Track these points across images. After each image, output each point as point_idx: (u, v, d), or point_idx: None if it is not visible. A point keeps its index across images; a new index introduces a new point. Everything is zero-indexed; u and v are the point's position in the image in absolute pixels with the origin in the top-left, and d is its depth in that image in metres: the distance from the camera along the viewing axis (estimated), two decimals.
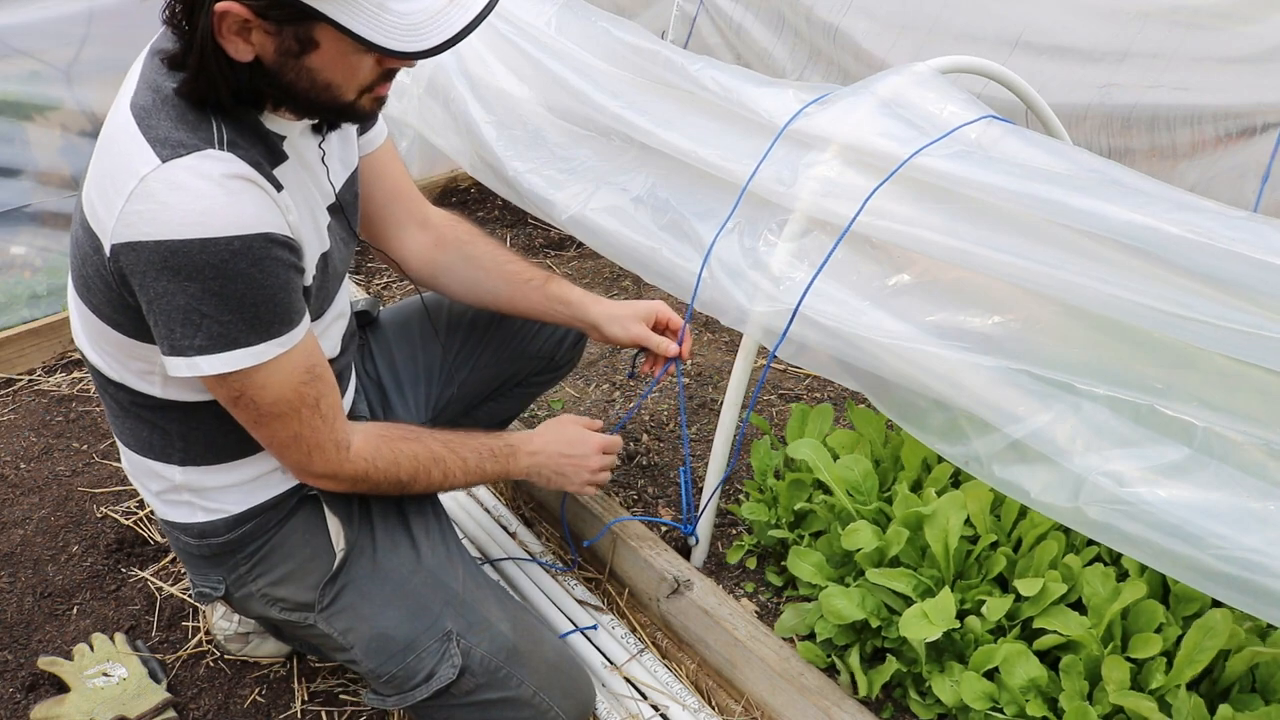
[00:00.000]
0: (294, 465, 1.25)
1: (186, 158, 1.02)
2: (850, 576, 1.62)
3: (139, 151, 1.02)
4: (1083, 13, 2.40)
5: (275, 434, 1.19)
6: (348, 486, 1.30)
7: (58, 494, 2.02)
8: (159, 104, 1.05)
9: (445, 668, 1.29)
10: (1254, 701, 1.36)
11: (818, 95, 1.53)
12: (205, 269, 1.01)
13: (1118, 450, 1.09)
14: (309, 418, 1.19)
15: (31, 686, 1.61)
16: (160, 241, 1.00)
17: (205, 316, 1.04)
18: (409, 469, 1.33)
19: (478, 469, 1.41)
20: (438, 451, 1.36)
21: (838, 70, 2.89)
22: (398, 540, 1.37)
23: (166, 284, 1.02)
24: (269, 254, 1.05)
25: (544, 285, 1.57)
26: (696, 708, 1.56)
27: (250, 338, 1.08)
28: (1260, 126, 2.19)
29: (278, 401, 1.15)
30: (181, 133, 1.03)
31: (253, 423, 1.18)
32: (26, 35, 2.39)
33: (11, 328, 2.41)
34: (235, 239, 1.02)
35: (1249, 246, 1.02)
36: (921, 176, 1.32)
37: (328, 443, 1.23)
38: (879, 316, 1.33)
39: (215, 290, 1.03)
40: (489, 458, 1.43)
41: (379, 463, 1.29)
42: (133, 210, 1.01)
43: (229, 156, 1.04)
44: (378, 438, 1.31)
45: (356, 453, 1.27)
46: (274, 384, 1.13)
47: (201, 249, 1.00)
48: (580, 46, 1.92)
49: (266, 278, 1.06)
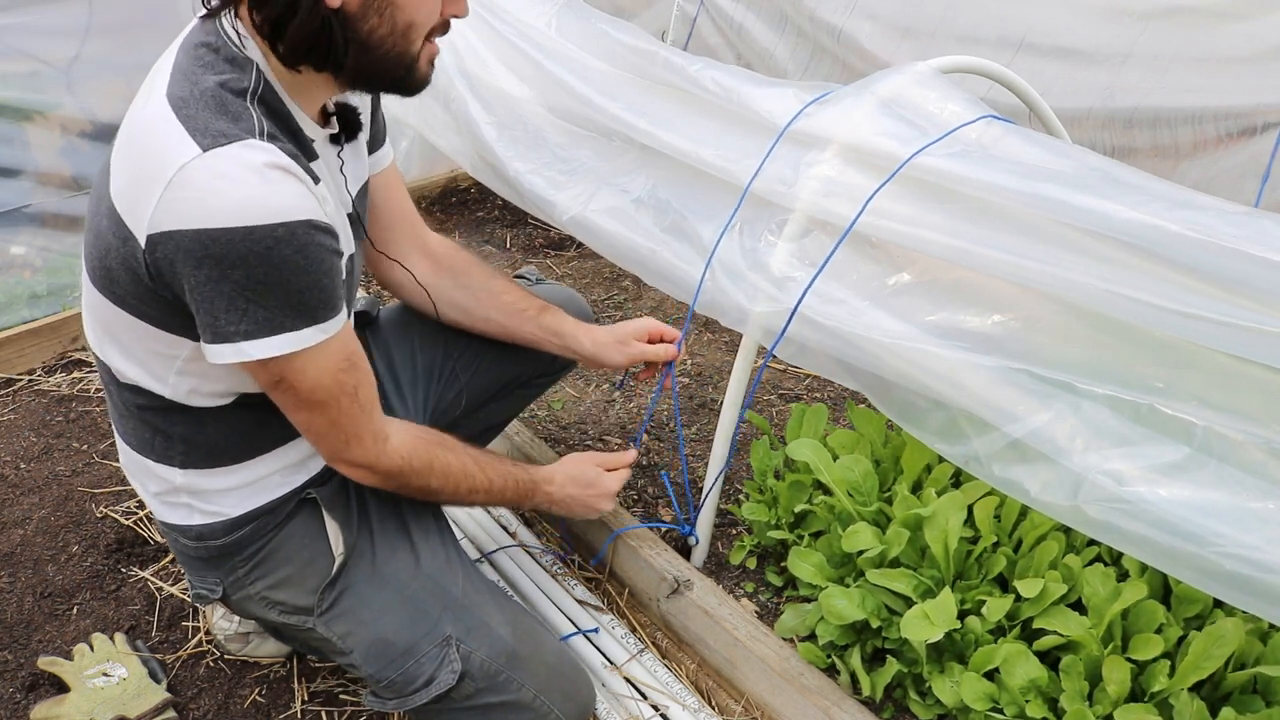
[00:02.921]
0: (330, 452, 1.25)
1: (229, 147, 1.01)
2: (850, 577, 1.62)
3: (178, 140, 1.01)
4: (1086, 15, 2.41)
5: (313, 420, 1.19)
6: (380, 480, 1.29)
7: (58, 494, 2.02)
8: (198, 95, 1.04)
9: (445, 673, 1.28)
10: (1255, 703, 1.35)
11: (818, 95, 1.53)
12: (250, 257, 1.01)
13: (1117, 449, 1.09)
14: (347, 406, 1.19)
15: (31, 686, 1.60)
16: (202, 230, 1.00)
17: (250, 303, 1.04)
18: (440, 477, 1.34)
19: (500, 493, 1.44)
20: (469, 468, 1.38)
21: (840, 71, 2.89)
22: (397, 545, 1.37)
23: (209, 272, 1.02)
24: (312, 240, 1.05)
25: (538, 316, 1.61)
26: (696, 708, 1.56)
27: (295, 322, 1.08)
28: (1260, 126, 2.20)
29: (316, 388, 1.15)
30: (223, 123, 1.03)
31: (291, 407, 1.19)
32: (26, 35, 2.39)
33: (11, 328, 2.41)
34: (279, 226, 1.02)
35: (1249, 244, 1.02)
36: (922, 176, 1.32)
37: (365, 433, 1.23)
38: (879, 316, 1.33)
39: (260, 278, 1.03)
40: (511, 486, 1.45)
41: (415, 463, 1.30)
42: (172, 198, 1.00)
43: (270, 147, 1.04)
44: (415, 438, 1.31)
45: (394, 448, 1.27)
46: (313, 370, 1.13)
47: (245, 237, 1.00)
48: (580, 48, 1.92)
49: (310, 264, 1.06)
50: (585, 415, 2.28)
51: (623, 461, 1.61)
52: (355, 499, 1.37)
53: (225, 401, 1.24)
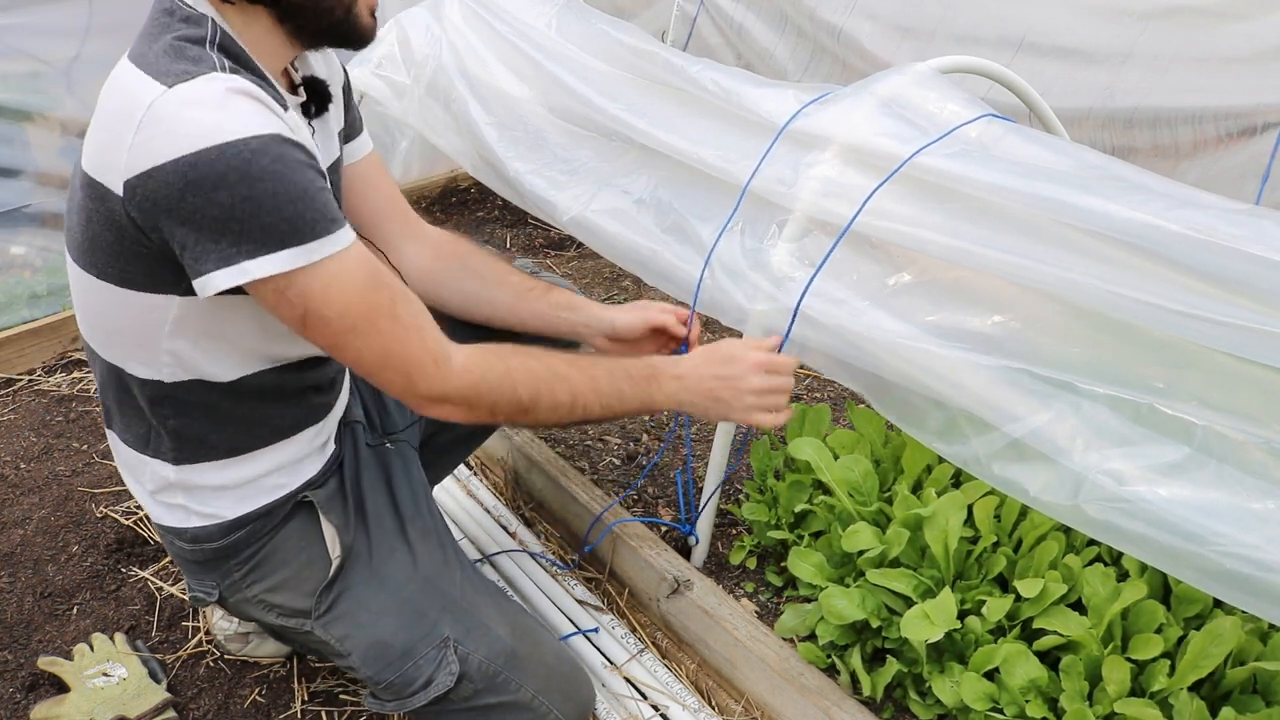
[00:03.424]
0: (400, 392, 1.17)
1: (193, 80, 1.01)
2: (850, 577, 1.62)
3: (142, 85, 1.02)
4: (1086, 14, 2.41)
5: (362, 356, 1.12)
6: (464, 411, 1.19)
7: (58, 494, 2.02)
8: (158, 49, 1.05)
9: (443, 674, 1.28)
10: (1255, 703, 1.36)
11: (817, 95, 1.53)
12: (229, 174, 0.99)
13: (1117, 449, 1.09)
14: (389, 328, 1.11)
15: (31, 686, 1.60)
16: (178, 159, 0.99)
17: (242, 222, 1.01)
18: (528, 386, 1.21)
19: (613, 392, 1.27)
20: (560, 369, 1.24)
21: (841, 71, 2.89)
22: (394, 546, 1.36)
23: (194, 200, 1.00)
24: (288, 152, 1.03)
25: (546, 294, 1.55)
26: (696, 708, 1.56)
27: (296, 237, 1.03)
28: (1260, 126, 2.20)
29: (346, 312, 1.08)
30: (184, 65, 1.03)
31: (333, 345, 1.12)
32: (26, 35, 2.39)
33: (11, 328, 2.41)
34: (251, 139, 1.00)
35: (1249, 243, 1.02)
36: (922, 175, 1.32)
37: (423, 357, 1.15)
38: (879, 316, 1.33)
39: (244, 194, 1.00)
40: (624, 378, 1.28)
41: (490, 377, 1.19)
42: (144, 138, 1.00)
43: (233, 77, 1.03)
44: (483, 351, 1.21)
45: (461, 366, 1.17)
46: (336, 291, 1.07)
47: (220, 154, 0.98)
48: (580, 48, 1.92)
49: (293, 173, 1.03)
50: None
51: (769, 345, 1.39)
52: (353, 501, 1.37)
53: (219, 380, 1.21)
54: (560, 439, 2.18)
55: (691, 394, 1.32)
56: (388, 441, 1.48)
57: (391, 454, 1.46)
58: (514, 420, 1.25)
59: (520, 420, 1.25)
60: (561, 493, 1.88)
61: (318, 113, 1.26)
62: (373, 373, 1.15)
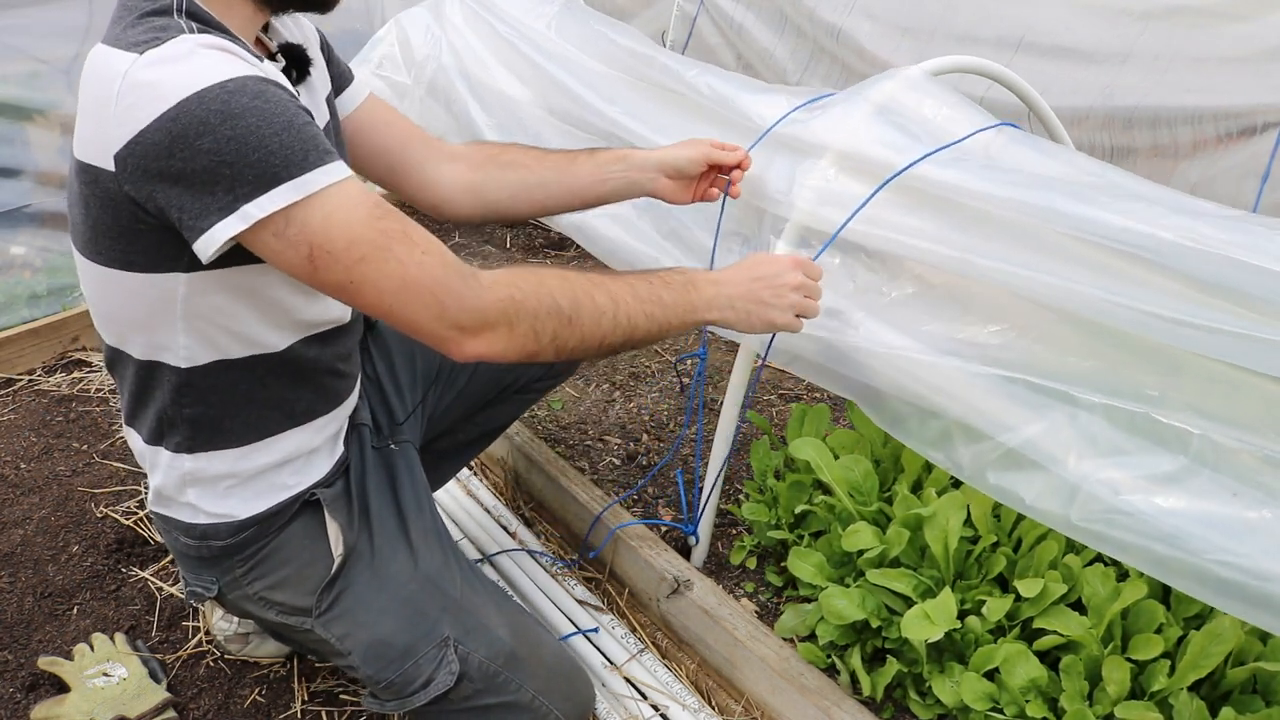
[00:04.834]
0: (432, 321, 1.09)
1: (163, 44, 1.01)
2: (850, 577, 1.62)
3: (115, 60, 1.02)
4: (1085, 14, 2.41)
5: (381, 289, 1.05)
6: (506, 334, 1.11)
7: (58, 494, 2.02)
8: (126, 25, 1.06)
9: (443, 674, 1.28)
10: (1254, 703, 1.36)
11: (807, 99, 1.53)
12: (209, 118, 0.97)
13: (1112, 458, 1.09)
14: (405, 252, 1.05)
15: (31, 686, 1.60)
16: (160, 115, 0.98)
17: (231, 165, 0.98)
18: (565, 293, 1.14)
19: (653, 298, 1.20)
20: (593, 276, 1.18)
21: (840, 71, 2.89)
22: (396, 545, 1.36)
23: (182, 155, 0.98)
24: (267, 89, 1.01)
25: (591, 156, 1.49)
26: (696, 708, 1.56)
27: (287, 170, 1.00)
28: (1260, 126, 2.20)
29: (355, 241, 1.03)
30: (153, 33, 1.03)
31: (347, 283, 1.05)
32: (26, 35, 2.39)
33: (11, 328, 2.41)
34: (228, 80, 0.98)
35: (1244, 251, 1.02)
36: (916, 184, 1.32)
37: (448, 275, 1.07)
38: (874, 327, 1.33)
39: (228, 134, 0.97)
40: (661, 285, 1.22)
41: (524, 286, 1.12)
42: (124, 106, 0.99)
43: (205, 35, 1.03)
44: (508, 269, 1.14)
45: (493, 280, 1.10)
46: (338, 222, 1.02)
47: (199, 101, 0.97)
48: (579, 50, 1.92)
49: (273, 106, 1.00)
50: (585, 415, 2.28)
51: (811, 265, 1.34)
52: (357, 501, 1.37)
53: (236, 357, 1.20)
54: (561, 439, 2.18)
55: (731, 298, 1.27)
56: (392, 442, 1.49)
57: (396, 455, 1.47)
58: (561, 341, 1.15)
59: (566, 339, 1.16)
60: (561, 493, 1.88)
61: (300, 79, 1.24)
62: (396, 307, 1.07)
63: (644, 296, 1.20)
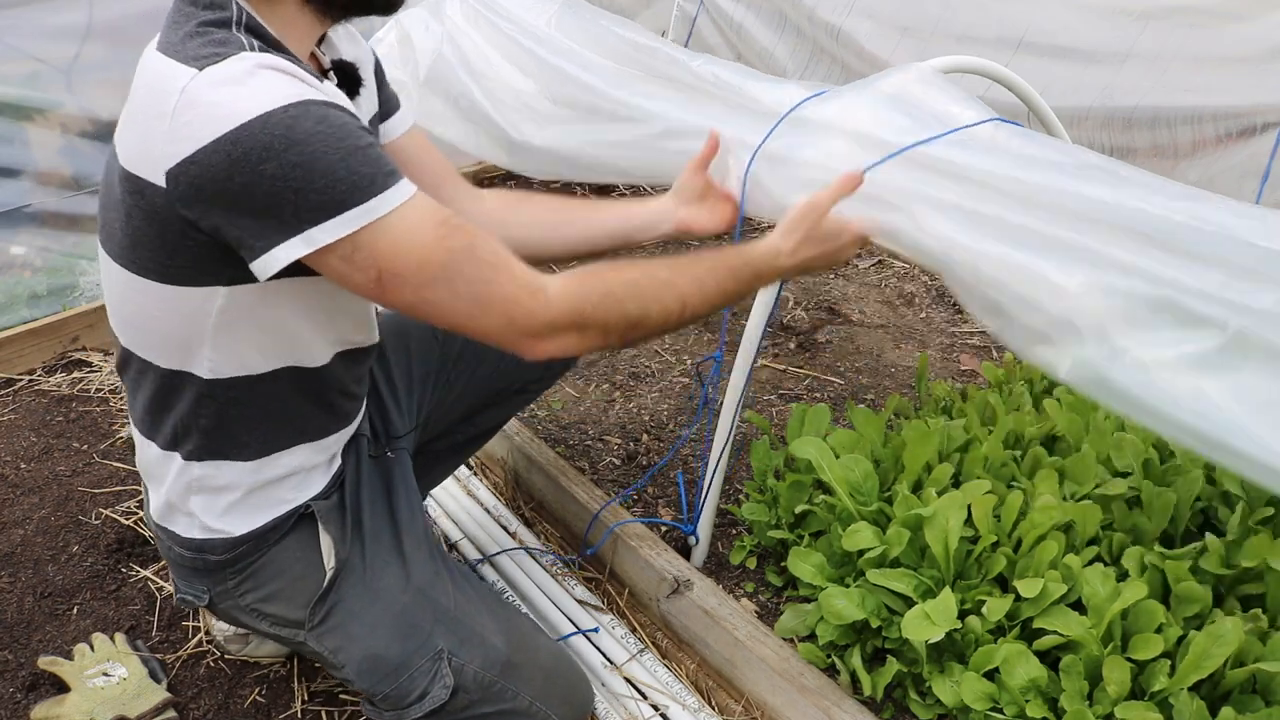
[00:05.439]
0: (502, 335, 1.10)
1: (224, 61, 1.00)
2: (850, 577, 1.62)
3: (172, 72, 1.00)
4: (1085, 14, 2.41)
5: (454, 308, 1.06)
6: (576, 338, 1.13)
7: (58, 494, 2.02)
8: (184, 35, 1.04)
9: (438, 688, 1.27)
10: (1255, 703, 1.36)
11: (819, 90, 1.53)
12: (274, 143, 0.96)
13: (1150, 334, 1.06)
14: (474, 271, 1.05)
15: (31, 686, 1.60)
16: (220, 138, 0.96)
17: (296, 190, 0.98)
18: (634, 300, 1.16)
19: (719, 291, 1.24)
20: (660, 274, 1.19)
21: (839, 71, 2.90)
22: (388, 558, 1.35)
23: (243, 178, 0.97)
24: (329, 113, 1.00)
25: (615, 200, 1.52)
26: (696, 708, 1.56)
27: (355, 195, 0.99)
28: (1260, 126, 2.20)
29: (424, 263, 1.03)
30: (213, 48, 1.02)
31: (417, 303, 1.05)
32: (26, 35, 2.39)
33: (11, 328, 2.41)
34: (290, 105, 0.97)
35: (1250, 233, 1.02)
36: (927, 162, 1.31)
37: (517, 291, 1.08)
38: None
39: (293, 160, 0.97)
40: (729, 277, 1.25)
41: (592, 296, 1.13)
42: (181, 123, 0.98)
43: (264, 55, 1.02)
44: (575, 273, 1.15)
45: (559, 291, 1.11)
46: (406, 245, 1.02)
47: (263, 126, 0.96)
48: (582, 45, 1.92)
49: (336, 130, 0.99)
50: (585, 415, 2.28)
51: None
52: (351, 514, 1.36)
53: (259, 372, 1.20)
54: (561, 439, 2.18)
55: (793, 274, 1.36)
56: (389, 450, 1.48)
57: (392, 464, 1.45)
58: (628, 338, 1.19)
59: (633, 336, 1.19)
60: (561, 493, 1.88)
61: (350, 97, 1.23)
62: (467, 323, 1.09)
63: (710, 292, 1.23)
